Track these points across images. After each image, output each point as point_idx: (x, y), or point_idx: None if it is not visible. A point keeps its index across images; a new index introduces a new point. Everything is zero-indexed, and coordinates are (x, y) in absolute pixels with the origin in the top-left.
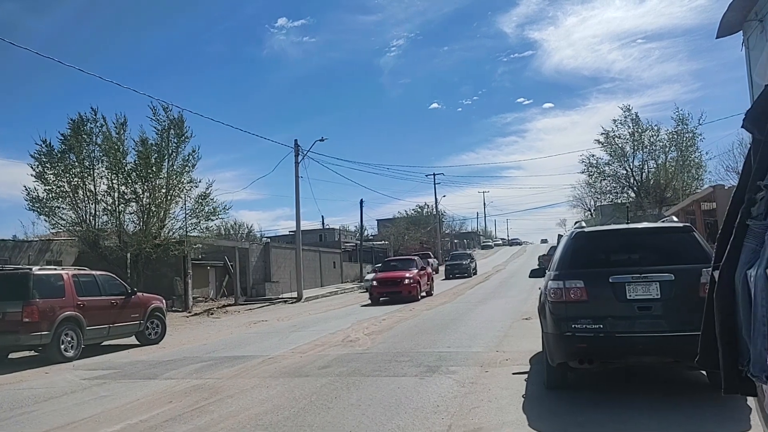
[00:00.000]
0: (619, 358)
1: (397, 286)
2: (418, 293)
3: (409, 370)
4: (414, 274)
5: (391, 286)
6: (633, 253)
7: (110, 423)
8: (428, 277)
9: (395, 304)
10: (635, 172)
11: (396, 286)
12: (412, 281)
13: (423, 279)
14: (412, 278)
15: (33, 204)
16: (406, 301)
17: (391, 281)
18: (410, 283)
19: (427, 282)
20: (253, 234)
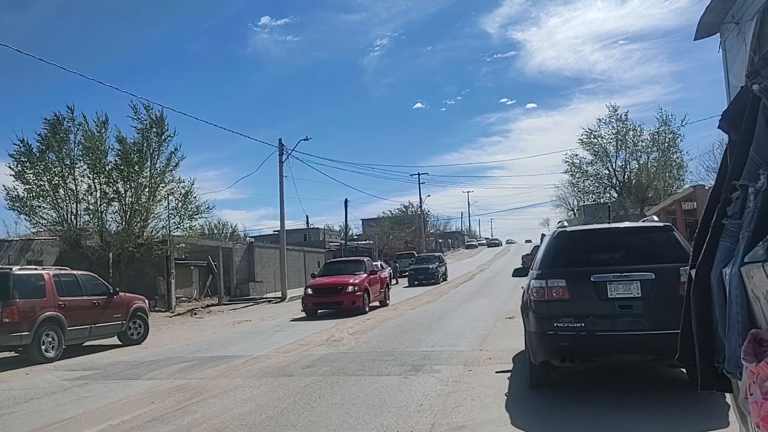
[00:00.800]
0: (601, 357)
1: (338, 295)
2: (365, 304)
3: (393, 369)
4: (361, 280)
5: (331, 294)
6: (614, 253)
7: (92, 424)
8: (381, 283)
9: (336, 317)
10: (618, 172)
11: (337, 295)
12: (357, 289)
13: (374, 286)
14: (358, 285)
15: (13, 203)
16: (350, 314)
17: (330, 289)
18: (355, 291)
19: (379, 290)
20: (237, 234)
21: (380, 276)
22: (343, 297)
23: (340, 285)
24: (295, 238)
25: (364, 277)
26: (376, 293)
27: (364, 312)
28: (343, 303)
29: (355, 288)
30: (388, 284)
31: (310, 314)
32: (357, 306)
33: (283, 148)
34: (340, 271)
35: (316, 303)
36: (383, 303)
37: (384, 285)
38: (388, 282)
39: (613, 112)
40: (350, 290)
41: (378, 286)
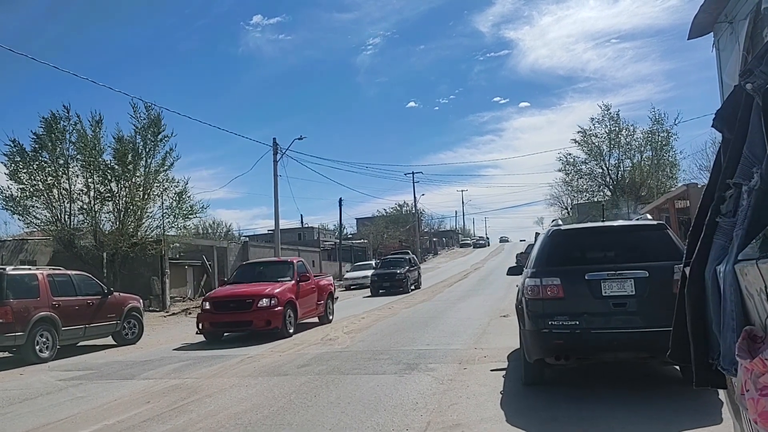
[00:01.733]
0: (595, 354)
1: (247, 312)
2: (287, 324)
3: (389, 367)
4: (282, 290)
5: (236, 311)
6: (608, 251)
7: (87, 424)
8: (319, 293)
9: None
10: (611, 170)
11: (244, 312)
12: (274, 303)
13: (306, 298)
14: (276, 297)
15: (6, 203)
16: (268, 338)
17: (235, 303)
18: (270, 306)
19: (316, 302)
20: (232, 233)
21: (318, 284)
22: (253, 315)
23: (249, 297)
24: (289, 237)
25: (289, 286)
26: (309, 307)
27: (286, 335)
28: (253, 323)
29: (272, 301)
30: (332, 293)
31: (211, 338)
32: (274, 327)
33: (277, 147)
34: (258, 276)
35: (216, 323)
36: (323, 319)
37: (324, 295)
38: (332, 290)
39: (606, 111)
40: (264, 305)
41: (313, 297)
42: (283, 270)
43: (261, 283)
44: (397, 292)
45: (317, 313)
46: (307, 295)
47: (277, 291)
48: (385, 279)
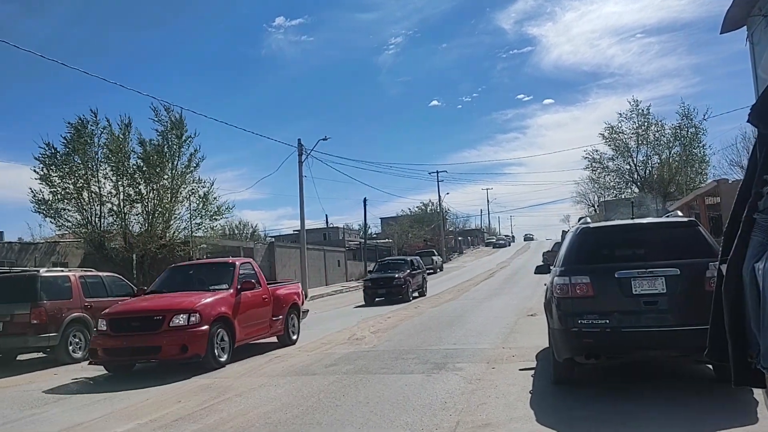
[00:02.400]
0: (626, 353)
1: (154, 335)
2: (213, 350)
3: (416, 367)
4: (208, 304)
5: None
6: (638, 249)
7: (120, 423)
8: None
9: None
10: (639, 167)
11: (151, 335)
12: (192, 322)
13: (251, 312)
14: (197, 314)
15: (39, 206)
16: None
17: (139, 320)
18: (188, 325)
19: (271, 319)
20: (258, 234)
21: (275, 293)
22: (163, 337)
23: (158, 313)
24: (314, 237)
25: (223, 297)
26: (257, 325)
27: (215, 366)
28: (161, 349)
29: (192, 318)
30: (297, 306)
31: (113, 370)
32: (193, 354)
33: (302, 148)
34: (186, 283)
35: (114, 350)
36: (284, 340)
37: (283, 309)
38: (298, 302)
39: (635, 106)
40: (179, 323)
41: (264, 311)
42: (219, 275)
43: (185, 293)
44: (395, 300)
45: (272, 331)
46: (253, 308)
47: (202, 304)
48: (381, 285)
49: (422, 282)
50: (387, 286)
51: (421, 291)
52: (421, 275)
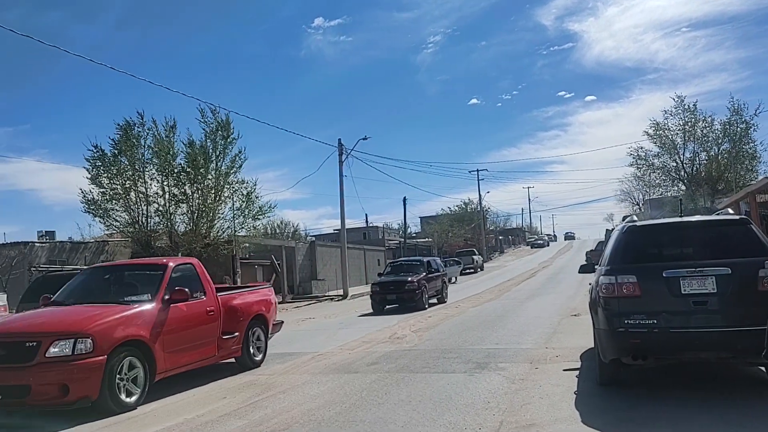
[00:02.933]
0: (674, 354)
1: (21, 370)
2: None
3: (458, 366)
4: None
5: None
6: (687, 247)
7: (169, 418)
8: (226, 321)
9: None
10: (686, 164)
11: (16, 370)
12: (79, 352)
13: (182, 333)
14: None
15: (89, 206)
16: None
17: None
18: (72, 358)
19: (217, 339)
20: (299, 233)
21: (228, 304)
22: (30, 374)
23: (32, 337)
24: (354, 236)
25: (136, 313)
26: (198, 348)
27: (117, 411)
28: (30, 390)
29: (79, 346)
30: (263, 319)
31: None
32: (80, 397)
33: (342, 147)
34: (101, 292)
35: None
36: (244, 363)
37: (241, 323)
38: (264, 313)
39: (680, 102)
40: (59, 354)
41: (208, 329)
42: (143, 281)
43: (84, 308)
44: (408, 308)
45: (222, 354)
46: (189, 326)
47: (100, 324)
48: (391, 290)
49: (441, 287)
50: (398, 291)
51: (441, 297)
52: (440, 279)
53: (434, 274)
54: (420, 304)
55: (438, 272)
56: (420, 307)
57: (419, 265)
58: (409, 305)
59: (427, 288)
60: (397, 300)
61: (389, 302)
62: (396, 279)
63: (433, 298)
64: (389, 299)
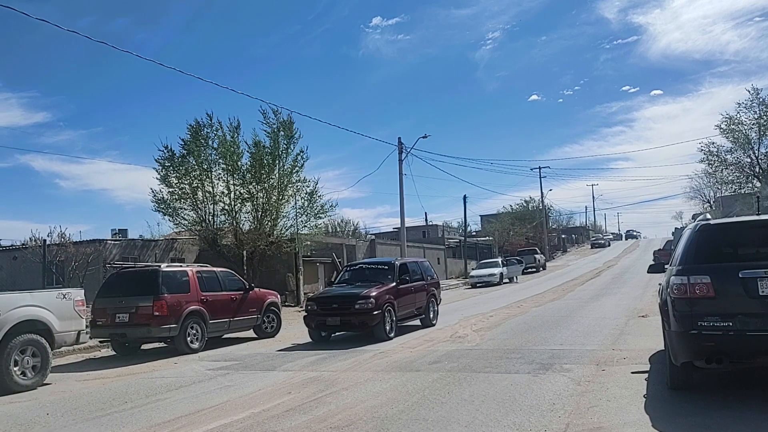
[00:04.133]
0: (751, 358)
1: None
2: None
3: (521, 367)
4: None
5: None
6: (765, 247)
7: (236, 411)
8: None
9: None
10: (761, 159)
11: None
12: None
13: None
14: None
15: (158, 205)
16: None
17: None
18: None
19: None
20: (359, 231)
21: None
22: None
23: None
24: (414, 234)
25: None
26: None
27: None
28: None
29: None
30: None
31: None
32: None
33: (402, 146)
34: None
35: None
36: None
37: None
38: None
39: (755, 95)
40: None
41: None
42: None
43: None
44: (361, 338)
45: None
46: None
47: None
48: (334, 309)
49: (427, 303)
50: (344, 311)
51: (425, 319)
52: (423, 292)
53: (411, 285)
54: (379, 331)
55: (419, 281)
56: (379, 337)
57: (386, 271)
58: (361, 329)
59: (396, 307)
60: (342, 325)
61: (331, 328)
62: (344, 293)
63: (412, 319)
64: (331, 324)
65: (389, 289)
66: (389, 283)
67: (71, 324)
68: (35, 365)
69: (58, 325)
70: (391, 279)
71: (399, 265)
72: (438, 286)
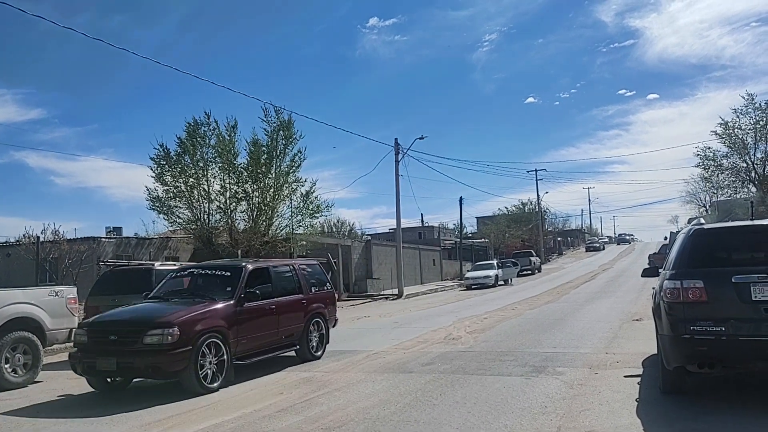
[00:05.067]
0: (743, 363)
1: None
2: None
3: (514, 369)
4: None
5: None
6: (758, 252)
7: (227, 411)
8: None
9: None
10: (757, 165)
11: None
12: None
13: None
14: None
15: (153, 203)
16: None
17: None
18: None
19: None
20: (354, 232)
21: None
22: None
23: None
24: (410, 236)
25: None
26: None
27: None
28: None
29: None
30: None
31: None
32: None
33: (398, 147)
34: None
35: None
36: None
37: None
38: None
39: (750, 101)
40: None
41: None
42: None
43: None
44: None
45: None
46: None
47: None
48: (110, 344)
49: (305, 329)
50: (123, 348)
51: (302, 350)
52: (300, 314)
53: (270, 302)
54: (188, 380)
55: (292, 294)
56: (192, 389)
57: (226, 281)
58: (161, 381)
59: (233, 337)
60: (120, 370)
61: (104, 373)
62: (130, 317)
63: (275, 352)
64: (103, 368)
65: (217, 311)
66: (224, 300)
67: (63, 322)
68: (26, 363)
69: (50, 322)
70: (230, 294)
71: (249, 271)
72: (331, 300)
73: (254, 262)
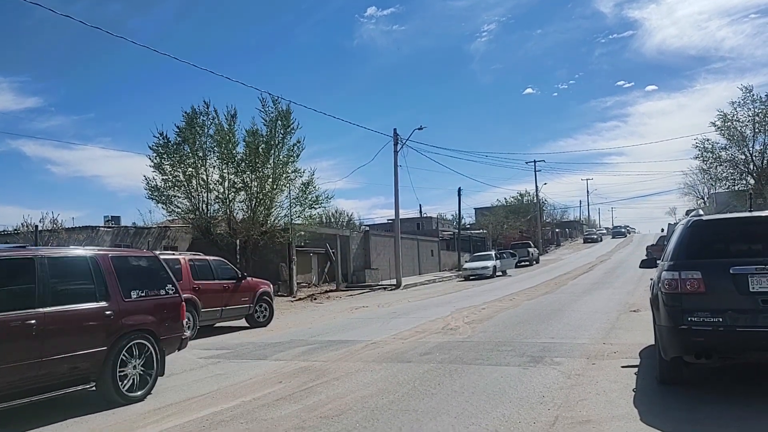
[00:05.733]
0: (740, 354)
1: None
2: None
3: (512, 359)
4: None
5: None
6: (756, 243)
7: (226, 399)
8: None
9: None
10: (756, 157)
11: None
12: None
13: None
14: None
15: (152, 193)
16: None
17: None
18: None
19: None
20: (353, 222)
21: None
22: None
23: None
24: (408, 226)
25: None
26: None
27: None
28: None
29: None
30: None
31: None
32: None
33: (397, 137)
34: None
35: None
36: None
37: None
38: None
39: (748, 93)
40: None
41: None
42: None
43: None
44: None
45: None
46: None
47: None
48: None
49: (114, 354)
50: None
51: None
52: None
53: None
54: None
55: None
56: None
57: None
58: None
59: None
60: None
61: None
62: None
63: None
64: None
65: None
66: None
67: None
68: None
69: None
70: None
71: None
72: (171, 311)
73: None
